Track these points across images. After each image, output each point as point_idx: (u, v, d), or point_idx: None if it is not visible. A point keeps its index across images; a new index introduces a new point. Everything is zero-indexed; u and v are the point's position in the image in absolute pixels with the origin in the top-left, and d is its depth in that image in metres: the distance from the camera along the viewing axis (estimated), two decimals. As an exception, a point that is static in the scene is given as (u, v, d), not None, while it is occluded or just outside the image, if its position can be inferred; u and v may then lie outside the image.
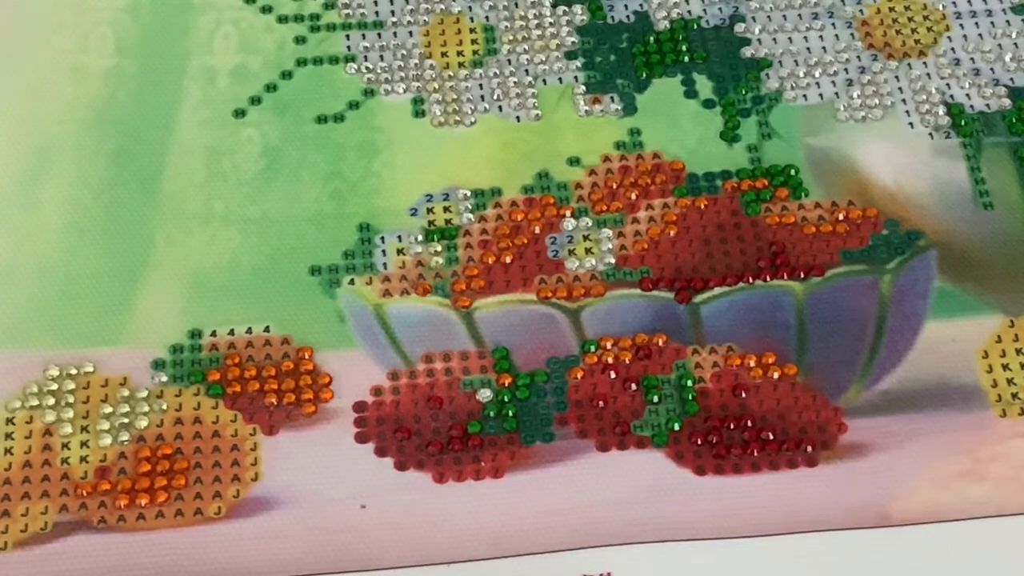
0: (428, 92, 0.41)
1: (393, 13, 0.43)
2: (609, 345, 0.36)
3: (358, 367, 0.36)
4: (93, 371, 0.36)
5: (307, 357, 0.36)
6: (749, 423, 0.35)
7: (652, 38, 0.42)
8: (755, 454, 0.35)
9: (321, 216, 0.39)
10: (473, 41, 0.42)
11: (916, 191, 0.39)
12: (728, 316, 0.37)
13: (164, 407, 0.35)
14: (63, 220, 0.38)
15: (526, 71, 0.42)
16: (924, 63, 0.42)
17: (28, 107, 0.40)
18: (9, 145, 0.40)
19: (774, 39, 0.42)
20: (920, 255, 0.38)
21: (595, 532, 0.34)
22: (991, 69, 0.41)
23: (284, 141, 0.40)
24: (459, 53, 0.42)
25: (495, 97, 0.41)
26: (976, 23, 0.42)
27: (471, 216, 0.39)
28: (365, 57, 0.42)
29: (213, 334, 0.37)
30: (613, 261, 0.38)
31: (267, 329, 0.37)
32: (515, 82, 0.41)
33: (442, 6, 0.43)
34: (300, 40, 0.42)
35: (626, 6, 0.43)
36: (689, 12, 0.43)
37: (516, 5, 0.43)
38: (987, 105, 0.41)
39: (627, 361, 0.36)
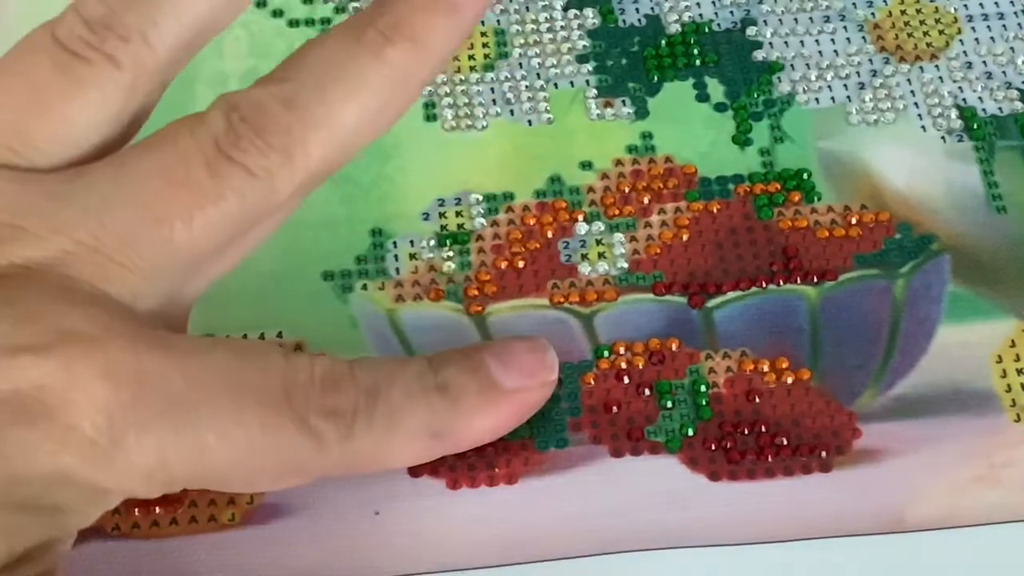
0: (439, 96, 0.41)
1: (404, 17, 0.42)
2: (622, 350, 0.36)
3: (371, 373, 0.36)
4: (106, 377, 0.36)
5: (320, 363, 0.36)
6: (763, 428, 0.35)
7: (663, 41, 0.42)
8: (769, 459, 0.35)
9: (333, 221, 0.39)
10: (484, 45, 0.42)
11: (929, 195, 0.39)
12: (741, 321, 0.37)
13: (177, 413, 0.35)
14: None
15: (537, 75, 0.41)
16: (936, 66, 0.42)
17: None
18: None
19: (786, 42, 0.42)
20: (933, 259, 0.38)
21: (609, 538, 0.34)
22: (1003, 72, 0.41)
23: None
24: (470, 57, 0.42)
25: (506, 101, 0.41)
26: (988, 26, 0.42)
27: (483, 221, 0.39)
28: (376, 61, 0.42)
29: (226, 340, 0.37)
30: (626, 266, 0.38)
31: (279, 335, 0.37)
32: (526, 86, 0.41)
33: (453, 10, 0.43)
34: (311, 44, 0.42)
35: (637, 9, 0.43)
36: (700, 16, 0.43)
37: (527, 8, 0.43)
38: (999, 108, 0.41)
39: (640, 366, 0.36)
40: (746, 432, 0.35)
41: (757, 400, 0.36)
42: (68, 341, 0.28)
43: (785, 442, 0.35)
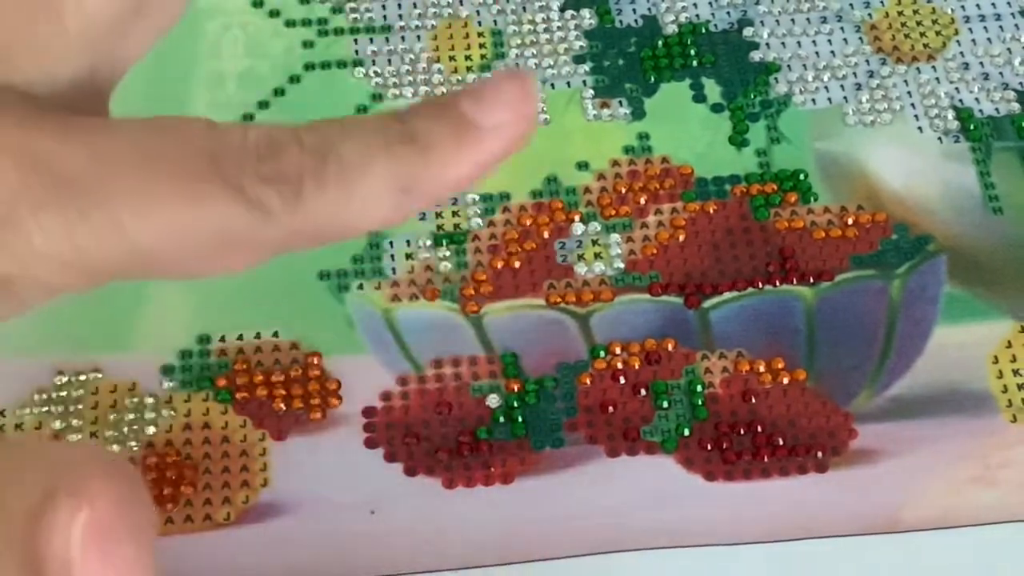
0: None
1: (401, 17, 0.43)
2: (618, 350, 0.36)
3: (367, 372, 0.36)
4: (102, 377, 0.36)
5: (316, 362, 0.36)
6: (759, 429, 0.35)
7: (660, 42, 0.42)
8: (765, 460, 0.35)
9: (329, 220, 0.39)
10: (481, 45, 0.42)
11: (926, 195, 0.39)
12: (737, 321, 0.37)
13: (173, 413, 0.35)
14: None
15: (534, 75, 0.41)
16: (933, 67, 0.42)
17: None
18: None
19: (783, 43, 0.42)
20: (930, 260, 0.38)
21: (604, 538, 0.34)
22: (1000, 73, 0.41)
23: (293, 146, 0.40)
24: (467, 57, 0.42)
25: (503, 101, 0.41)
26: (985, 27, 0.42)
27: (480, 221, 0.39)
28: (373, 61, 0.42)
29: (222, 339, 0.37)
30: (622, 266, 0.38)
31: (275, 334, 0.37)
32: (523, 86, 0.41)
33: (450, 10, 0.43)
34: (308, 44, 0.42)
35: (634, 10, 0.43)
36: (697, 16, 0.43)
37: (524, 9, 0.43)
38: (996, 109, 0.41)
39: (636, 366, 0.36)
40: (742, 432, 0.35)
41: (753, 400, 0.36)
42: None
43: (781, 442, 0.35)
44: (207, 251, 0.27)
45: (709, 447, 0.35)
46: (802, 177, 0.39)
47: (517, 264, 0.38)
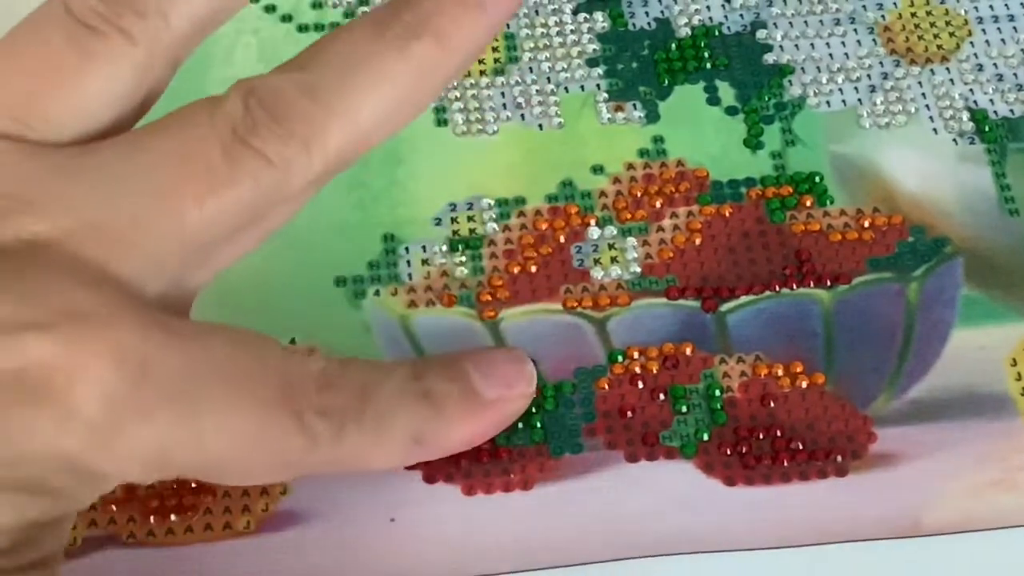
0: (450, 101, 0.41)
1: (413, 21, 0.42)
2: (636, 355, 0.36)
3: (385, 379, 0.36)
4: (119, 385, 0.36)
5: (333, 369, 0.36)
6: (778, 433, 0.35)
7: (674, 45, 0.42)
8: (785, 464, 0.35)
9: (345, 226, 0.39)
10: (494, 49, 0.42)
11: (941, 197, 0.39)
12: (755, 325, 0.37)
13: (191, 420, 0.35)
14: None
15: (548, 79, 0.41)
16: (947, 69, 0.41)
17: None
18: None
19: (796, 45, 0.42)
20: (947, 262, 0.38)
21: (624, 544, 0.33)
22: (1014, 74, 0.41)
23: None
24: (480, 61, 0.42)
25: (517, 105, 0.41)
26: (998, 28, 0.42)
27: (495, 226, 0.38)
28: (386, 66, 0.42)
29: (240, 347, 0.36)
30: (639, 270, 0.38)
31: (292, 341, 0.37)
32: (537, 90, 0.41)
33: (462, 14, 0.43)
34: (321, 49, 0.42)
35: (647, 13, 0.43)
36: (710, 19, 0.43)
37: (536, 12, 0.43)
38: (1011, 110, 0.41)
39: (654, 371, 0.36)
40: (761, 437, 0.35)
41: (772, 404, 0.35)
42: (74, 320, 0.27)
43: (800, 447, 0.35)
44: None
45: (728, 452, 0.35)
46: (817, 180, 0.39)
47: (533, 269, 0.38)
